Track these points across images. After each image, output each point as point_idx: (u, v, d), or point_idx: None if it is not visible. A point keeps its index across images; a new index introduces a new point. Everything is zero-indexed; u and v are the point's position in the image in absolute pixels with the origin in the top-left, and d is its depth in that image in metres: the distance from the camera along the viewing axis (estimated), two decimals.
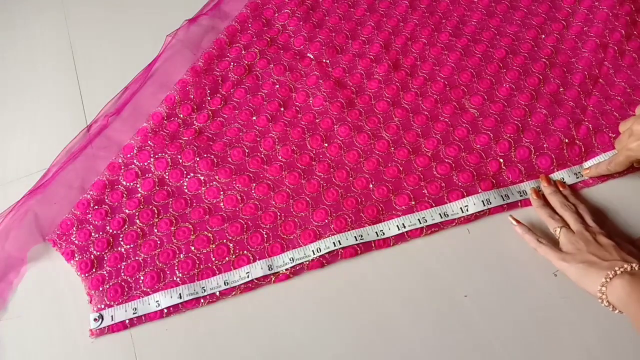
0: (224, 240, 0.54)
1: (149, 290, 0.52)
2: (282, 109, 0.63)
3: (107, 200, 0.58)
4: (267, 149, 0.60)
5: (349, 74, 0.65)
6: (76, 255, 0.54)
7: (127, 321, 0.50)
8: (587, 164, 0.55)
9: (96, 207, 0.57)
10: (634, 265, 0.42)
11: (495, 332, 0.47)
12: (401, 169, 0.56)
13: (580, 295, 0.46)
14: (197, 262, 0.53)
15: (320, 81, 0.64)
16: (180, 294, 0.51)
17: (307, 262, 0.51)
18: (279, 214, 0.55)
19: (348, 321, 0.49)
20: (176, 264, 0.53)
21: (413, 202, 0.54)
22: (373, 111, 0.61)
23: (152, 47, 0.70)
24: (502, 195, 0.53)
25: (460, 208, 0.53)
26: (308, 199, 0.56)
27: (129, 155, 0.61)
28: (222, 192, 0.57)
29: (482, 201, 0.53)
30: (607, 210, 0.52)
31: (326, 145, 0.59)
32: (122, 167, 0.60)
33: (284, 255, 0.52)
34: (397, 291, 0.50)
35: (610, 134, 0.56)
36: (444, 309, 0.48)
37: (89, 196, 0.58)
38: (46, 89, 0.71)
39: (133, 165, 0.60)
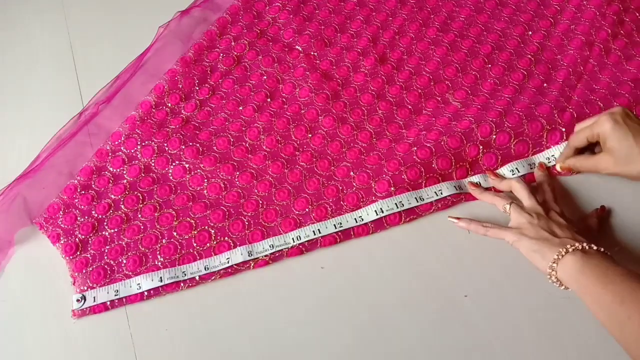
0: (206, 227, 0.55)
1: (131, 273, 0.53)
2: (268, 99, 0.64)
3: (93, 186, 0.59)
4: (252, 139, 0.61)
5: (336, 66, 0.66)
6: (62, 238, 0.55)
7: (109, 302, 0.51)
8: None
9: (83, 192, 0.58)
10: (585, 244, 0.43)
11: (495, 332, 0.47)
12: (382, 156, 0.57)
13: None
14: (179, 248, 0.54)
15: (307, 73, 0.65)
16: (161, 278, 0.52)
17: (287, 249, 0.52)
18: (260, 202, 0.56)
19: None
20: (158, 249, 0.54)
21: (393, 188, 0.54)
22: (358, 103, 0.62)
23: (149, 40, 0.71)
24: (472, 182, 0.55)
25: (435, 192, 0.54)
26: (290, 188, 0.56)
27: (116, 143, 0.62)
28: (206, 180, 0.58)
29: (455, 186, 0.54)
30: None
31: (310, 135, 0.60)
32: (110, 154, 0.61)
33: (264, 242, 0.53)
34: (396, 291, 0.50)
35: None
36: (444, 309, 0.48)
37: (76, 181, 0.59)
38: (46, 88, 0.71)
39: (120, 152, 0.61)
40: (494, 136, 0.56)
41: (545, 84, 0.61)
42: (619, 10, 0.66)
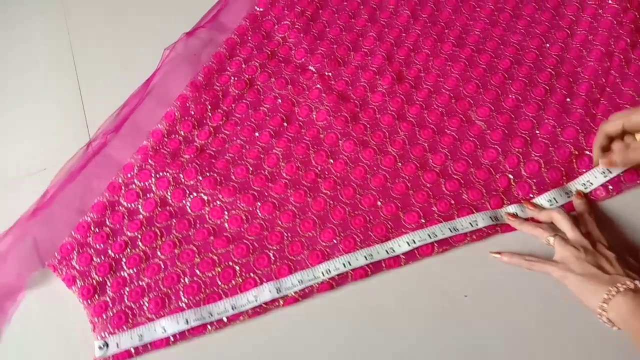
0: (230, 263, 0.52)
1: (154, 316, 0.50)
2: (285, 124, 0.62)
3: (107, 223, 0.56)
4: (271, 166, 0.59)
5: (352, 86, 0.64)
6: (77, 281, 0.53)
7: (133, 349, 0.49)
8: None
9: (97, 229, 0.56)
10: (637, 282, 0.41)
11: (495, 332, 0.46)
12: (409, 185, 0.55)
13: None
14: (203, 286, 0.51)
15: (323, 95, 0.63)
16: (187, 319, 0.49)
17: (317, 285, 0.50)
18: (285, 234, 0.54)
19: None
20: (181, 289, 0.51)
21: (423, 220, 0.53)
22: (378, 125, 0.60)
23: (151, 47, 0.70)
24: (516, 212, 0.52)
25: (470, 223, 0.52)
26: (315, 218, 0.54)
27: (129, 175, 0.59)
28: (226, 212, 0.56)
29: (490, 217, 0.52)
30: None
31: (331, 161, 0.58)
32: (123, 188, 0.58)
33: (292, 277, 0.51)
34: (394, 291, 0.49)
35: None
36: (444, 309, 0.48)
37: (89, 218, 0.56)
38: (46, 88, 0.71)
39: (133, 185, 0.58)
40: (522, 167, 0.55)
41: (568, 99, 0.60)
42: (636, 17, 0.65)
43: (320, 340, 0.48)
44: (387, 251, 0.51)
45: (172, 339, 0.49)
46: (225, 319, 0.49)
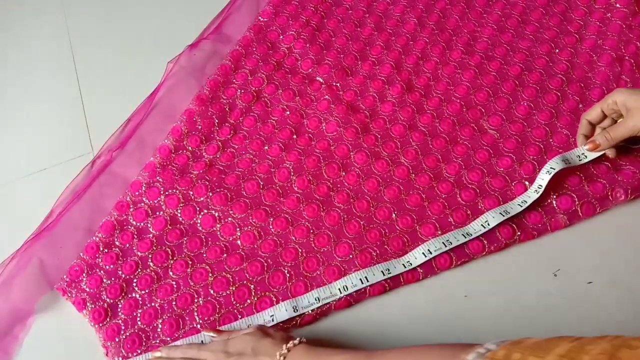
0: (244, 282, 0.51)
1: (168, 339, 0.49)
2: (294, 136, 0.61)
3: (117, 243, 0.55)
4: (282, 180, 0.57)
5: (361, 97, 0.63)
6: (88, 304, 0.51)
7: None
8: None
9: (106, 250, 0.54)
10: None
11: (495, 332, 0.46)
12: (424, 196, 0.54)
13: (580, 295, 0.47)
14: (218, 306, 0.50)
15: (332, 106, 0.62)
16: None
17: (334, 302, 0.49)
18: (299, 249, 0.53)
19: None
20: (195, 309, 0.50)
21: (440, 232, 0.52)
22: (389, 136, 0.59)
23: (151, 47, 0.71)
24: (518, 204, 0.52)
25: (482, 225, 0.51)
26: (329, 233, 0.53)
27: (137, 193, 0.58)
28: (238, 229, 0.54)
29: (500, 213, 0.51)
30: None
31: (344, 173, 0.57)
32: (131, 206, 0.57)
33: (309, 295, 0.50)
34: (394, 290, 0.49)
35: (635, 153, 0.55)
36: (444, 309, 0.48)
37: (97, 239, 0.55)
38: (46, 89, 0.72)
39: (142, 204, 0.57)
40: (538, 172, 0.54)
41: (580, 105, 0.59)
42: None
43: None
44: (404, 265, 0.50)
45: None
46: None
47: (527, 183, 0.54)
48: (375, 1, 0.72)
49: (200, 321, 0.49)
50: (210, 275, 0.52)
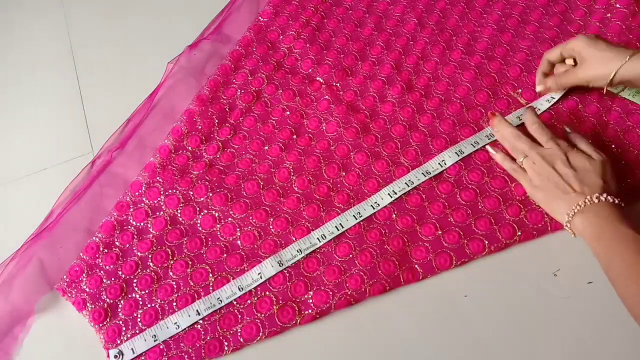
0: None
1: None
2: (294, 136, 0.61)
3: (117, 243, 0.55)
4: (282, 180, 0.57)
5: (361, 97, 0.63)
6: (88, 304, 0.51)
7: None
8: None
9: (106, 250, 0.54)
10: (587, 200, 0.45)
11: (496, 332, 0.46)
12: (424, 196, 0.54)
13: (580, 295, 0.47)
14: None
15: (332, 106, 0.62)
16: (197, 311, 0.49)
17: (334, 302, 0.49)
18: None
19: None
20: None
21: (439, 232, 0.52)
22: (389, 136, 0.59)
23: (151, 47, 0.71)
24: (471, 143, 0.56)
25: (439, 164, 0.55)
26: None
27: (137, 193, 0.58)
28: (238, 229, 0.54)
29: (456, 152, 0.55)
30: None
31: (344, 174, 0.57)
32: (131, 206, 0.57)
33: (291, 248, 0.52)
34: (394, 291, 0.49)
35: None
36: (444, 309, 0.48)
37: (97, 239, 0.55)
38: (46, 89, 0.72)
39: (142, 204, 0.57)
40: None
41: (580, 105, 0.59)
42: None
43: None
44: (372, 206, 0.54)
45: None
46: (241, 340, 0.48)
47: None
48: (375, 1, 0.72)
49: (201, 321, 0.49)
50: (211, 275, 0.52)
